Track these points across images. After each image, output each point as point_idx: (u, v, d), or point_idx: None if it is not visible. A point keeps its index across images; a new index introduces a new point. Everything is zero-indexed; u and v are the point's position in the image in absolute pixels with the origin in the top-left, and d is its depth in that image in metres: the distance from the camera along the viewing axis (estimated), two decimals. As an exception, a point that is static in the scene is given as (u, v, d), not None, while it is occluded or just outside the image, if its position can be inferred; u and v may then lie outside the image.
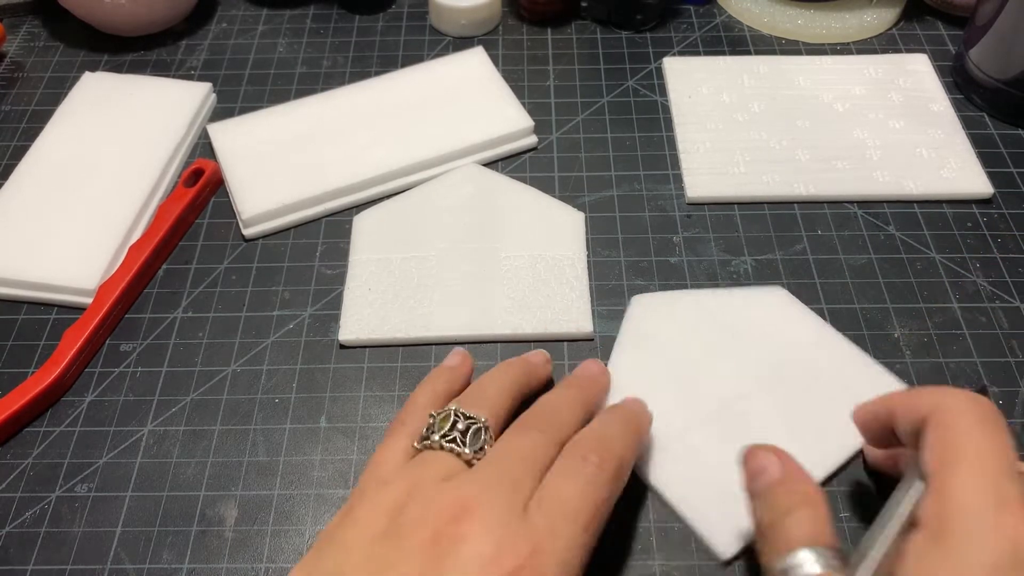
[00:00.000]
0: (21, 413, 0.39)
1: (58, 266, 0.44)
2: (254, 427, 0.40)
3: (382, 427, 0.39)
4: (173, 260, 0.46)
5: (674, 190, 0.49)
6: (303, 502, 0.37)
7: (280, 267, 0.46)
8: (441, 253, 0.45)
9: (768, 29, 0.58)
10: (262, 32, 0.60)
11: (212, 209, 0.49)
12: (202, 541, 0.36)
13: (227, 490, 0.38)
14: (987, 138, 0.51)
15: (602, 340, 0.42)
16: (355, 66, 0.57)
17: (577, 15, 0.60)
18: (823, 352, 0.40)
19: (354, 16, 0.61)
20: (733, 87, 0.54)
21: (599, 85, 0.55)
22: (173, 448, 0.39)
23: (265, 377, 0.41)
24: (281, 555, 0.36)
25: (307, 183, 0.48)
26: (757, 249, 0.46)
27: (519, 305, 0.43)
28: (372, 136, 0.50)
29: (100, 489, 0.38)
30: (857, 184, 0.48)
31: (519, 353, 0.41)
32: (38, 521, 0.37)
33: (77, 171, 0.49)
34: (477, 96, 0.53)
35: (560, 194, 0.49)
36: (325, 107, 0.52)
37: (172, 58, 0.58)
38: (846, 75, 0.54)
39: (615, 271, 0.45)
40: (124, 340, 0.43)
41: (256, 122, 0.52)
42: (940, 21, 0.59)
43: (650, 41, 0.58)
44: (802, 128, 0.51)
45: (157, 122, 0.52)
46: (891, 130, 0.51)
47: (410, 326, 0.42)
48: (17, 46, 0.60)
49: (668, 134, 0.52)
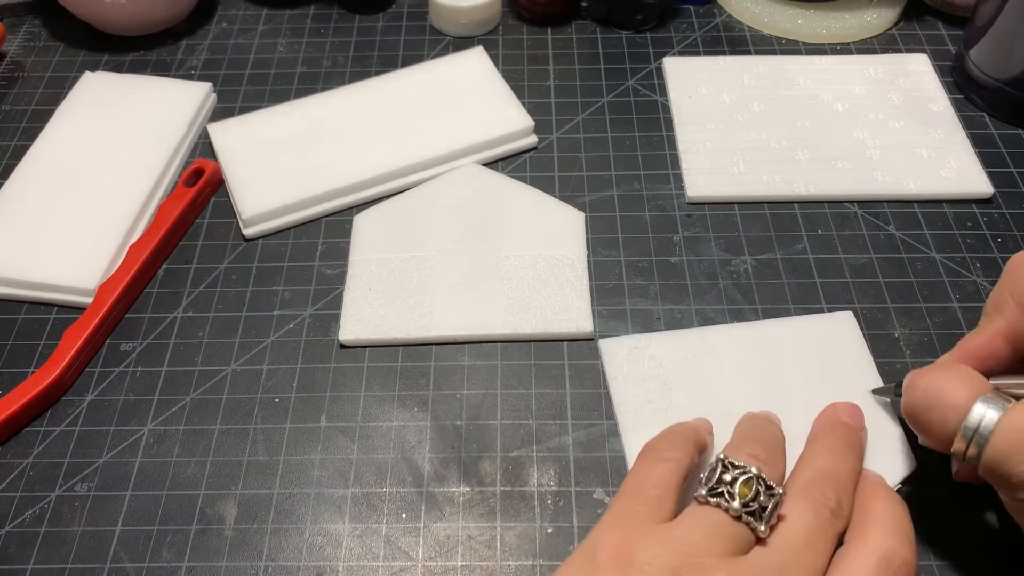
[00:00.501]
0: (21, 413, 0.39)
1: (58, 266, 0.44)
2: (254, 426, 0.40)
3: (382, 427, 0.39)
4: (173, 260, 0.47)
5: (674, 190, 0.49)
6: (303, 501, 0.37)
7: (280, 267, 0.46)
8: (441, 253, 0.45)
9: (768, 29, 0.58)
10: (262, 32, 0.60)
11: (212, 209, 0.49)
12: (202, 540, 0.36)
13: (227, 489, 0.38)
14: (987, 138, 0.51)
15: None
16: (355, 66, 0.57)
17: (577, 15, 0.60)
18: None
19: (354, 16, 0.61)
20: (733, 87, 0.54)
21: (599, 85, 0.55)
22: (173, 447, 0.39)
23: (265, 377, 0.41)
24: (281, 553, 0.36)
25: (307, 183, 0.48)
26: (757, 249, 0.46)
27: (519, 305, 0.43)
28: (372, 136, 0.50)
29: (100, 488, 0.38)
30: (857, 184, 0.48)
31: (519, 353, 0.42)
32: (38, 520, 0.37)
33: (77, 171, 0.49)
34: (477, 96, 0.53)
35: (560, 194, 0.49)
36: (325, 107, 0.52)
37: (172, 58, 0.58)
38: (846, 75, 0.54)
39: (615, 271, 0.45)
40: (124, 340, 0.43)
41: (256, 122, 0.52)
42: (940, 21, 0.59)
43: (650, 41, 0.58)
44: (802, 128, 0.51)
45: (157, 122, 0.52)
46: (891, 130, 0.51)
47: (410, 326, 0.42)
48: (17, 46, 0.60)
49: (668, 134, 0.52)
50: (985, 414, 0.28)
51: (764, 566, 0.28)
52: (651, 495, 0.30)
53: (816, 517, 0.29)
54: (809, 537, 0.29)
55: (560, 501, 0.37)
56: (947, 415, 0.29)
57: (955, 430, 0.29)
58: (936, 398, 0.30)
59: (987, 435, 0.28)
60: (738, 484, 0.29)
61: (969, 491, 0.36)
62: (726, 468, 0.30)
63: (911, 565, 0.29)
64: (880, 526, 0.29)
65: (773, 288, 0.44)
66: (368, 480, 0.38)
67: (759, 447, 0.32)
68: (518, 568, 0.35)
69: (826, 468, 0.31)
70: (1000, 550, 0.35)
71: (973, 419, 0.29)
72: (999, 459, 0.28)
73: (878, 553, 0.28)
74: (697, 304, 0.43)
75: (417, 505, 0.37)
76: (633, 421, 0.39)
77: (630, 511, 0.30)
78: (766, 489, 0.29)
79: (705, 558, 0.28)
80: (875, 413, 0.37)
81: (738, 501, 0.29)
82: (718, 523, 0.29)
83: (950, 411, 0.29)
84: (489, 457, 0.38)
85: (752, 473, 0.30)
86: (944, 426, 0.30)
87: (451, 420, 0.40)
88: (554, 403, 0.40)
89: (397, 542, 0.36)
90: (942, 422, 0.30)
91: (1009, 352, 0.32)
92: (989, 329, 0.32)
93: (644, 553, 0.28)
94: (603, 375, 0.41)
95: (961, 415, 0.29)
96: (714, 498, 0.29)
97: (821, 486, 0.30)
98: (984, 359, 0.32)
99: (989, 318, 0.33)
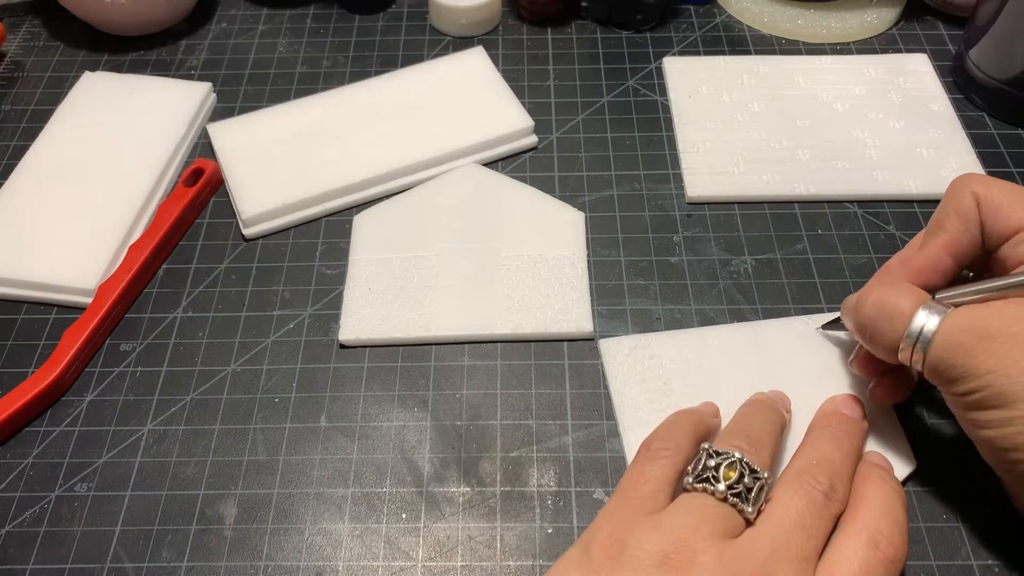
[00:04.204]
0: (21, 413, 0.39)
1: (58, 266, 0.44)
2: (254, 426, 0.40)
3: (382, 427, 0.39)
4: (173, 260, 0.46)
5: (674, 190, 0.49)
6: (303, 501, 0.37)
7: (280, 267, 0.46)
8: (441, 253, 0.45)
9: (768, 29, 0.58)
10: (262, 32, 0.60)
11: (212, 209, 0.49)
12: (201, 540, 0.36)
13: (227, 489, 0.38)
14: (987, 138, 0.51)
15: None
16: (355, 66, 0.57)
17: (577, 15, 0.60)
18: None
19: (354, 16, 0.61)
20: (733, 87, 0.54)
21: (599, 85, 0.55)
22: (173, 447, 0.39)
23: (265, 377, 0.41)
24: (280, 553, 0.36)
25: (307, 183, 0.48)
26: (757, 248, 0.46)
27: (519, 305, 0.43)
28: (372, 136, 0.50)
29: (100, 488, 0.38)
30: (857, 184, 0.48)
31: (519, 353, 0.42)
32: (38, 520, 0.37)
33: (77, 171, 0.49)
34: (477, 96, 0.53)
35: (560, 194, 0.49)
36: (325, 107, 0.52)
37: (172, 58, 0.58)
38: (846, 75, 0.54)
39: (615, 271, 0.45)
40: (124, 340, 0.43)
41: (256, 122, 0.52)
42: (940, 21, 0.59)
43: (650, 41, 0.58)
44: (802, 128, 0.51)
45: (157, 122, 0.52)
46: (891, 130, 0.51)
47: (410, 326, 0.42)
48: (17, 46, 0.60)
49: (668, 134, 0.52)
50: (928, 319, 0.31)
51: (754, 548, 0.28)
52: (645, 490, 0.31)
53: (809, 502, 0.30)
54: (801, 520, 0.29)
55: (560, 501, 0.37)
56: (895, 322, 0.32)
57: (901, 335, 0.32)
58: (884, 308, 0.33)
59: (930, 337, 0.31)
60: (722, 468, 0.31)
61: (969, 490, 0.36)
62: (711, 456, 0.31)
63: (898, 547, 0.29)
64: (868, 508, 0.30)
65: (773, 288, 0.44)
66: (368, 480, 0.38)
67: (742, 438, 0.33)
68: (518, 568, 0.35)
69: (820, 454, 0.32)
70: (1001, 550, 0.35)
71: (917, 324, 0.31)
72: (940, 358, 0.31)
73: (865, 534, 0.29)
74: (697, 304, 0.43)
75: (417, 505, 0.37)
76: (633, 421, 0.38)
77: (624, 505, 0.31)
78: (750, 472, 0.31)
79: (694, 540, 0.28)
80: (875, 412, 0.37)
81: (723, 483, 0.30)
82: (705, 506, 0.30)
83: (897, 318, 0.32)
84: (489, 457, 0.38)
85: (735, 457, 0.31)
86: (893, 333, 0.32)
87: (451, 420, 0.40)
88: (554, 403, 0.40)
89: (397, 542, 0.36)
90: (891, 330, 0.32)
91: (952, 266, 0.34)
92: (933, 244, 0.34)
93: (634, 540, 0.29)
94: (603, 375, 0.41)
95: (907, 321, 0.32)
96: (700, 483, 0.31)
97: (814, 471, 0.31)
98: (929, 274, 0.34)
99: (932, 235, 0.35)
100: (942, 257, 0.34)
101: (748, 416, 0.35)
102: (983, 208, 0.33)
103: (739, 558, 0.28)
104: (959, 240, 0.34)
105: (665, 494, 0.31)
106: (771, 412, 0.35)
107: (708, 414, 0.36)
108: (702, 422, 0.35)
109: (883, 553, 0.29)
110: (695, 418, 0.35)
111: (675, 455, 0.32)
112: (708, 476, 0.31)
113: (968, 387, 0.30)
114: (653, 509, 0.30)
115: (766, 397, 0.37)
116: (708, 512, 0.30)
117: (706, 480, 0.30)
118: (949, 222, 0.34)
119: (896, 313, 0.32)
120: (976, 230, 0.34)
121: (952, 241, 0.34)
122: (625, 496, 0.31)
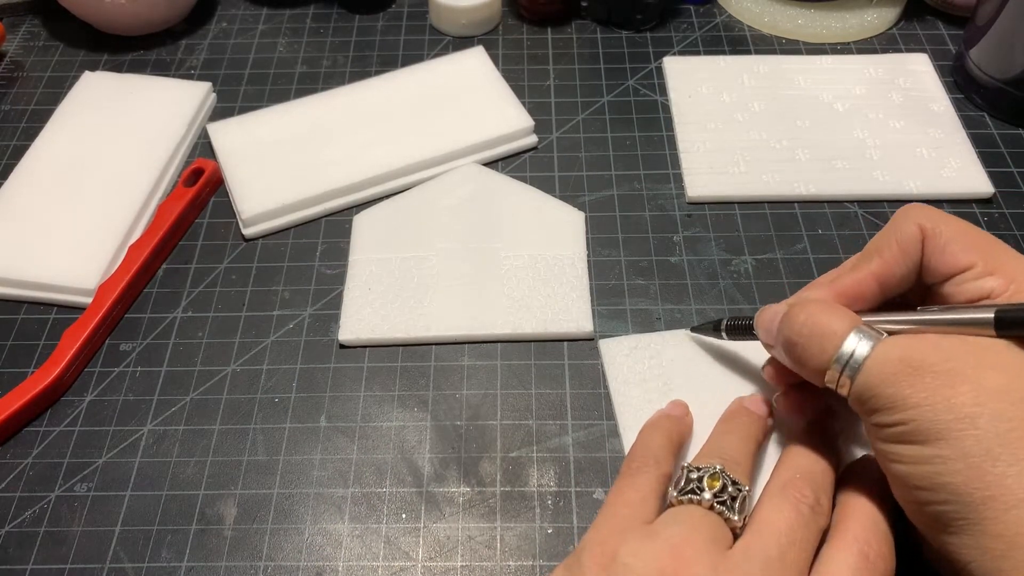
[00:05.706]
0: (21, 413, 0.39)
1: (58, 266, 0.44)
2: (254, 426, 0.40)
3: (382, 427, 0.39)
4: (173, 260, 0.46)
5: (674, 190, 0.49)
6: (303, 501, 0.37)
7: (280, 267, 0.46)
8: (441, 253, 0.45)
9: (768, 29, 0.58)
10: (262, 32, 0.60)
11: (212, 209, 0.49)
12: (201, 540, 0.36)
13: (226, 489, 0.38)
14: (987, 138, 0.51)
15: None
16: (355, 66, 0.57)
17: (577, 15, 0.60)
18: None
19: (354, 16, 0.61)
20: (733, 87, 0.54)
21: (599, 85, 0.55)
22: (172, 447, 0.39)
23: (265, 377, 0.41)
24: (280, 553, 0.36)
25: (307, 183, 0.48)
26: (757, 248, 0.46)
27: (519, 305, 0.43)
28: (372, 136, 0.50)
29: (99, 488, 0.38)
30: (857, 184, 0.48)
31: (519, 352, 0.42)
32: (37, 520, 0.37)
33: (77, 171, 0.49)
34: (477, 96, 0.53)
35: (560, 194, 0.49)
36: (325, 107, 0.52)
37: (172, 58, 0.58)
38: (846, 75, 0.54)
39: (615, 271, 0.45)
40: (124, 340, 0.43)
41: (256, 122, 0.52)
42: (940, 21, 0.59)
43: (650, 41, 0.58)
44: (802, 128, 0.51)
45: (157, 122, 0.52)
46: (891, 130, 0.51)
47: (410, 326, 0.42)
48: (17, 46, 0.60)
49: (668, 134, 0.52)
50: (859, 344, 0.30)
51: (749, 560, 0.28)
52: (634, 497, 0.32)
53: (797, 515, 0.30)
54: (791, 534, 0.29)
55: (560, 501, 0.37)
56: (824, 344, 0.31)
57: (831, 358, 0.30)
58: (814, 328, 0.31)
59: (860, 363, 0.30)
60: (705, 479, 0.31)
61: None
62: (692, 470, 0.32)
63: (887, 559, 0.29)
64: (856, 521, 0.30)
65: (773, 288, 0.44)
66: (368, 480, 0.38)
67: (717, 459, 0.33)
68: (518, 568, 0.35)
69: (802, 467, 0.32)
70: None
71: (847, 348, 0.30)
72: (868, 385, 0.29)
73: (855, 547, 0.29)
74: (697, 304, 0.43)
75: (417, 505, 0.37)
76: (633, 421, 0.38)
77: (613, 515, 0.31)
78: (732, 483, 0.31)
79: (685, 550, 0.29)
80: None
81: (708, 492, 0.31)
82: (693, 515, 0.30)
83: (828, 339, 0.31)
84: (489, 457, 0.38)
85: (717, 469, 0.31)
86: (822, 354, 0.31)
87: (451, 420, 0.39)
88: (554, 403, 0.40)
89: (397, 542, 0.36)
90: (820, 351, 0.31)
91: (877, 294, 0.33)
92: (866, 269, 0.33)
93: (625, 549, 0.29)
94: (603, 375, 0.41)
95: (838, 344, 0.30)
96: (685, 496, 0.31)
97: (799, 484, 0.31)
98: (854, 297, 0.33)
99: (867, 259, 0.34)
100: (870, 284, 0.33)
101: (724, 435, 0.35)
102: (928, 242, 0.32)
103: (734, 570, 0.28)
104: (892, 270, 0.33)
105: (652, 504, 0.32)
106: (747, 427, 0.35)
107: (677, 417, 0.37)
108: (674, 428, 0.36)
109: (873, 566, 0.29)
110: (666, 426, 0.36)
111: (656, 467, 0.33)
112: (692, 488, 0.31)
113: (892, 419, 0.29)
114: (643, 518, 0.31)
115: (744, 407, 0.37)
116: (698, 522, 0.30)
117: (691, 491, 0.31)
118: (887, 250, 0.33)
119: (828, 333, 0.31)
120: (913, 263, 0.32)
121: (884, 270, 0.33)
122: (613, 507, 0.32)
